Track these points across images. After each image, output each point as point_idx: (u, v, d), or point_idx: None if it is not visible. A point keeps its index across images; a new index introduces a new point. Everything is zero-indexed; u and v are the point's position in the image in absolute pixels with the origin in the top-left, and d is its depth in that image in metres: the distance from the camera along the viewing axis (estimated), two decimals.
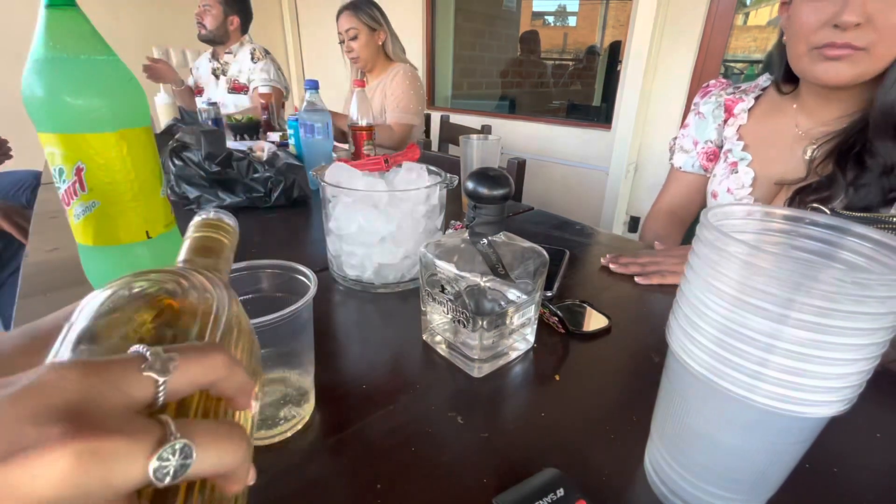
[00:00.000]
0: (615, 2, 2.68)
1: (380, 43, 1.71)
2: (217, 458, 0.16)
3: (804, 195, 0.65)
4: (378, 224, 0.57)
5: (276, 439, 0.36)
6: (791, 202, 0.66)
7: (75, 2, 0.43)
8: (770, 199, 0.71)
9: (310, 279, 0.36)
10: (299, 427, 0.37)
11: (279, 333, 0.33)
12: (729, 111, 0.81)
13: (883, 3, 0.54)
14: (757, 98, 0.79)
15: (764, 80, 0.80)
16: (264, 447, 0.36)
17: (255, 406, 0.21)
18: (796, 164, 0.69)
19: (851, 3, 0.55)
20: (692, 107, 0.87)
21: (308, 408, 0.39)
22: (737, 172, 0.75)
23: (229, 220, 0.30)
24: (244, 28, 2.01)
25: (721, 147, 0.82)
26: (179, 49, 2.74)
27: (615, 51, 2.37)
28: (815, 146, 0.67)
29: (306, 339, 0.37)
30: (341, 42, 1.71)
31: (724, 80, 0.86)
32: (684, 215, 0.89)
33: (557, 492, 0.30)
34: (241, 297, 0.37)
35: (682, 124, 0.89)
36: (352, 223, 0.57)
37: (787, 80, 0.73)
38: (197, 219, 0.29)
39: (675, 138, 0.90)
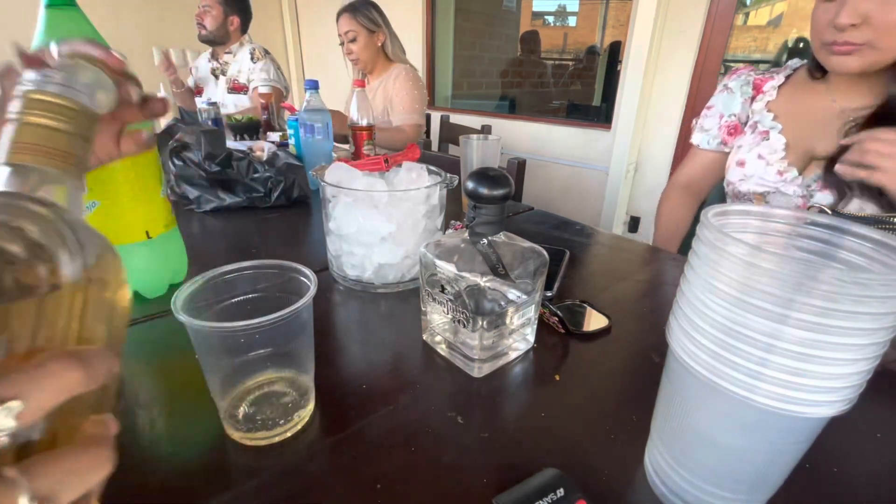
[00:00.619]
0: (615, 2, 2.68)
1: (379, 44, 1.71)
2: (79, 489, 0.15)
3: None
4: (378, 224, 0.57)
5: (276, 440, 0.36)
6: (826, 172, 0.69)
7: (75, 2, 0.43)
8: (803, 168, 0.74)
9: (310, 279, 0.36)
10: (299, 427, 0.37)
11: (279, 333, 0.33)
12: (758, 89, 0.84)
13: (878, 4, 0.59)
14: (788, 77, 0.82)
15: (795, 62, 0.83)
16: (264, 447, 0.36)
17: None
18: (832, 139, 0.71)
19: (847, 6, 0.60)
20: (720, 87, 0.90)
21: (308, 408, 0.39)
22: (768, 140, 0.78)
23: (84, 93, 0.19)
24: (244, 28, 2.01)
25: (745, 122, 0.85)
26: (179, 49, 2.74)
27: (615, 51, 2.37)
28: (853, 124, 0.68)
29: (306, 339, 0.37)
30: (341, 44, 1.71)
31: (752, 66, 0.89)
32: (698, 190, 0.95)
33: (557, 492, 0.30)
34: (241, 297, 0.37)
35: (706, 106, 0.92)
36: (352, 223, 0.57)
37: (818, 67, 0.76)
38: (27, 87, 0.19)
39: (698, 118, 0.94)
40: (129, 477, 0.33)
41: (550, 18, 3.26)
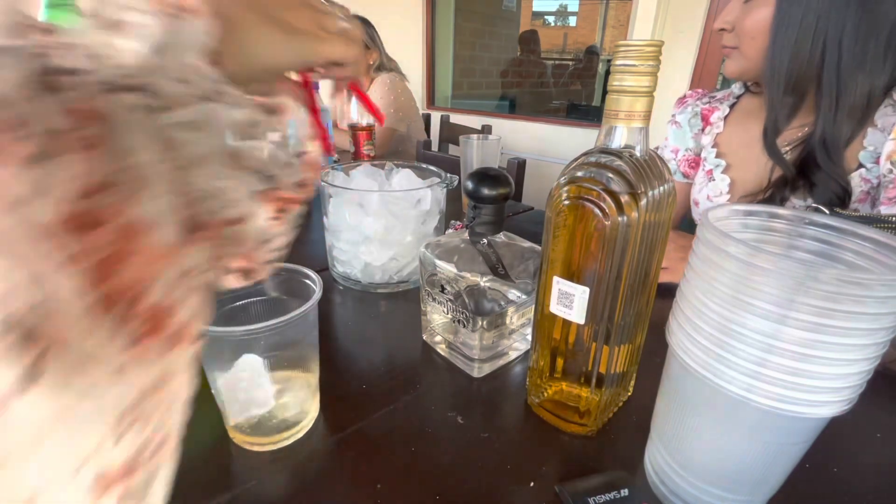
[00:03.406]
0: (615, 2, 2.68)
1: (371, 62, 1.70)
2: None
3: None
4: (363, 223, 0.57)
5: (281, 445, 0.36)
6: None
7: (75, 2, 0.44)
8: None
9: (315, 282, 0.36)
10: (304, 432, 0.37)
11: (285, 337, 0.33)
12: (706, 120, 0.82)
13: (741, 13, 0.65)
14: (732, 106, 0.80)
15: (738, 87, 0.81)
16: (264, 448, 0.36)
17: None
18: (766, 173, 0.69)
19: (721, 14, 0.68)
20: (670, 118, 0.88)
21: (313, 412, 0.38)
22: (714, 180, 0.76)
23: None
24: None
25: (700, 155, 0.84)
26: None
27: None
28: (786, 149, 0.68)
29: (311, 342, 0.37)
30: None
31: (699, 91, 0.87)
32: (675, 217, 0.91)
33: (622, 491, 0.31)
34: (244, 301, 0.37)
35: (665, 136, 0.90)
36: (340, 219, 0.58)
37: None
38: None
39: (657, 148, 0.92)
40: None
41: (550, 18, 3.26)
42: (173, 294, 0.13)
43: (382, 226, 0.57)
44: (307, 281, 0.37)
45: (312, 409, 0.38)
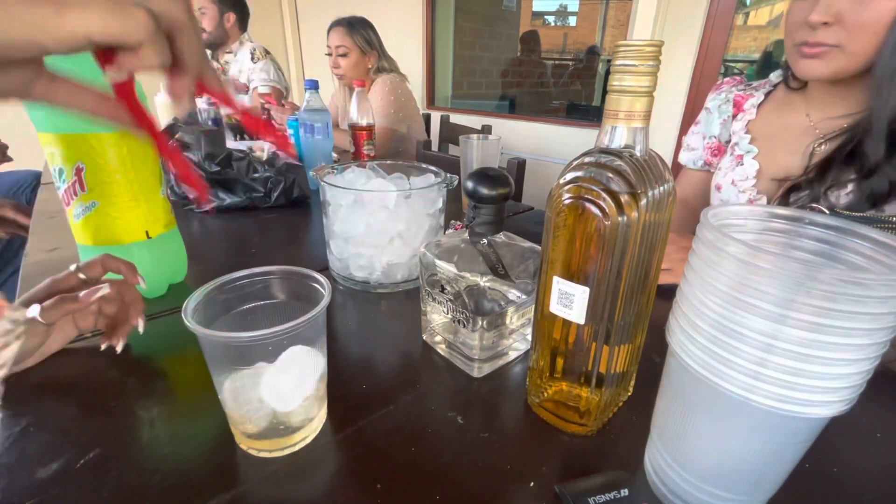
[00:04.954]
0: (615, 2, 2.68)
1: (369, 66, 1.71)
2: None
3: (794, 192, 0.66)
4: (388, 225, 0.57)
5: (298, 447, 0.35)
6: (781, 199, 0.67)
7: None
8: (773, 194, 0.72)
9: (323, 287, 0.35)
10: (311, 438, 0.36)
11: (299, 339, 0.33)
12: (738, 107, 0.82)
13: (851, 3, 0.56)
14: (767, 94, 0.80)
15: (775, 76, 0.81)
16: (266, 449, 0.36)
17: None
18: (802, 160, 0.69)
19: (821, 3, 0.58)
20: (705, 103, 0.88)
21: (322, 416, 0.38)
22: (742, 165, 0.76)
23: None
24: (242, 25, 2.01)
25: (728, 142, 0.83)
26: None
27: None
28: (822, 140, 0.67)
29: (320, 347, 0.37)
30: (328, 55, 1.70)
31: (738, 78, 0.87)
32: (696, 206, 0.91)
33: (622, 491, 0.31)
34: (251, 304, 0.37)
35: (694, 121, 0.91)
36: (359, 224, 0.57)
37: (795, 75, 0.74)
38: None
39: (686, 135, 0.92)
40: (129, 477, 0.33)
41: (550, 18, 3.27)
42: None
43: (405, 224, 0.58)
44: (314, 284, 0.36)
45: (320, 415, 0.38)
